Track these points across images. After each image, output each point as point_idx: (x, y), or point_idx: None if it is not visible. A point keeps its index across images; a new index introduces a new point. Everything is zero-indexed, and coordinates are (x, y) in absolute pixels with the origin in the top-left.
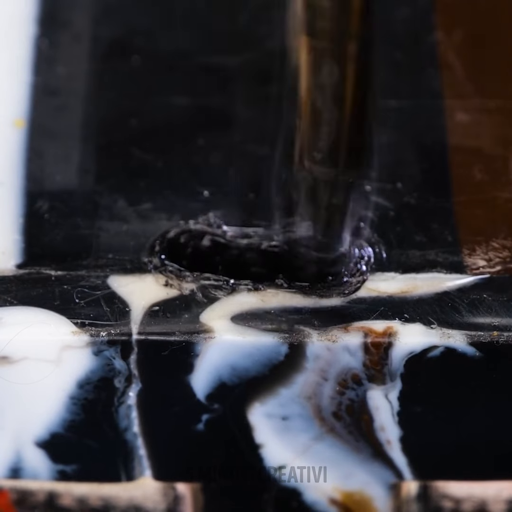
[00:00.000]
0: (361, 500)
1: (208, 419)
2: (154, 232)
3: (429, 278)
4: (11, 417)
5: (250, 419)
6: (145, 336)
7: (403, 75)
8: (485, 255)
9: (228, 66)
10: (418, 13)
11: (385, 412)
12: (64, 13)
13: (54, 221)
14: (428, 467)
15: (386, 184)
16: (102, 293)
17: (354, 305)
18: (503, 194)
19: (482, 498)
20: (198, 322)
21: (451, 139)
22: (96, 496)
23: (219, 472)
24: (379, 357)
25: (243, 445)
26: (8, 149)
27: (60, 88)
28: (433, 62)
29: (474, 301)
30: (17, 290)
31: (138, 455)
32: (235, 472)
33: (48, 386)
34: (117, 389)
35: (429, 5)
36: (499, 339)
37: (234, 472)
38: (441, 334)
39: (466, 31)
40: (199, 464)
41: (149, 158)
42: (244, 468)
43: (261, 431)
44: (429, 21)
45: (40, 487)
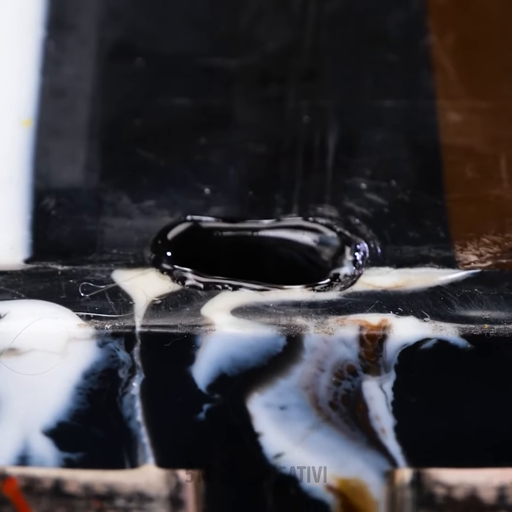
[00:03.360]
0: (357, 486)
1: (209, 408)
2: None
3: (422, 272)
4: (19, 406)
5: (249, 409)
6: (148, 329)
7: (398, 76)
8: (476, 250)
9: (228, 68)
10: (412, 16)
11: (380, 402)
12: (70, 17)
13: (60, 217)
14: (421, 455)
15: (381, 182)
16: (106, 287)
17: (350, 299)
18: (494, 192)
19: (473, 484)
20: (199, 315)
21: (443, 138)
22: (101, 483)
23: (219, 459)
24: (374, 349)
25: (243, 434)
26: (17, 148)
27: (66, 89)
28: (426, 64)
29: (466, 295)
30: (24, 284)
31: (141, 443)
32: (235, 460)
33: (54, 376)
34: (121, 380)
35: (423, 9)
36: (490, 332)
37: (234, 459)
38: (433, 327)
39: (458, 34)
40: (200, 452)
41: (152, 157)
42: (244, 456)
43: (260, 420)
44: (422, 25)
45: (47, 474)
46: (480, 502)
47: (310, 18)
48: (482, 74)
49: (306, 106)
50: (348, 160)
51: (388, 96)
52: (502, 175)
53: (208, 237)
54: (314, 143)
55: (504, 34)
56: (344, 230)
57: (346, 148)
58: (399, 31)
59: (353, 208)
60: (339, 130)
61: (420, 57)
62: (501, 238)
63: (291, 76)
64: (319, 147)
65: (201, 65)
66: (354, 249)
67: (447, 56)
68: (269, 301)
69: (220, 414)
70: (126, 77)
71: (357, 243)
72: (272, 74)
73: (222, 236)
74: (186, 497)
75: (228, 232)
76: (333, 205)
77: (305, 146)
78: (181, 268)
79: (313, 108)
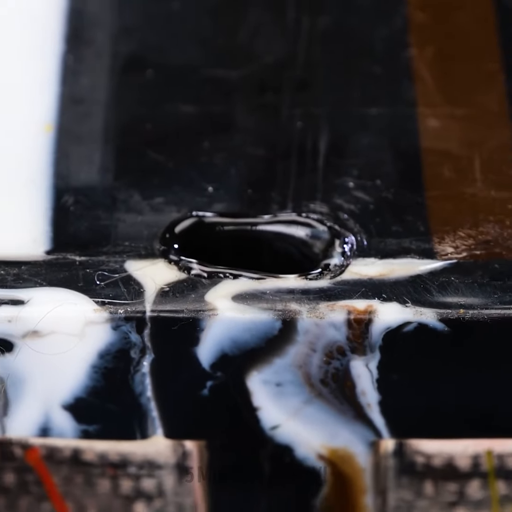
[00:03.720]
0: (345, 455)
1: (212, 385)
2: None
3: (404, 263)
4: (41, 384)
5: (248, 385)
6: (157, 313)
7: (382, 87)
8: (453, 243)
9: (229, 78)
10: (394, 33)
11: (366, 379)
12: (87, 33)
13: (78, 213)
14: (403, 427)
15: (367, 181)
16: (120, 276)
17: (339, 286)
18: (469, 190)
19: (450, 454)
20: (203, 301)
21: (423, 142)
22: (115, 452)
23: (221, 431)
24: (360, 332)
25: (243, 408)
26: (39, 151)
27: (84, 98)
28: (407, 75)
29: (443, 283)
30: (46, 273)
31: (151, 416)
32: (235, 431)
33: (73, 356)
34: (132, 359)
35: (404, 26)
36: (465, 316)
37: (234, 431)
38: (414, 312)
39: (436, 48)
40: (204, 424)
41: (161, 159)
42: (243, 428)
43: (258, 395)
44: (404, 40)
45: (66, 444)
46: (456, 470)
47: (303, 33)
48: (458, 84)
49: (299, 113)
50: (338, 162)
51: (374, 104)
52: (476, 176)
53: (211, 231)
54: (307, 146)
55: (477, 48)
56: (334, 225)
57: (335, 151)
58: (383, 45)
59: (342, 205)
60: (329, 134)
61: (402, 69)
62: (475, 232)
63: (286, 86)
64: (311, 150)
65: (205, 76)
66: (342, 241)
67: (426, 68)
68: (266, 289)
69: (222, 391)
70: (138, 86)
71: (346, 236)
72: (269, 84)
73: (224, 230)
74: (192, 465)
75: (229, 227)
76: (324, 202)
77: (298, 149)
78: (187, 259)
79: (306, 115)
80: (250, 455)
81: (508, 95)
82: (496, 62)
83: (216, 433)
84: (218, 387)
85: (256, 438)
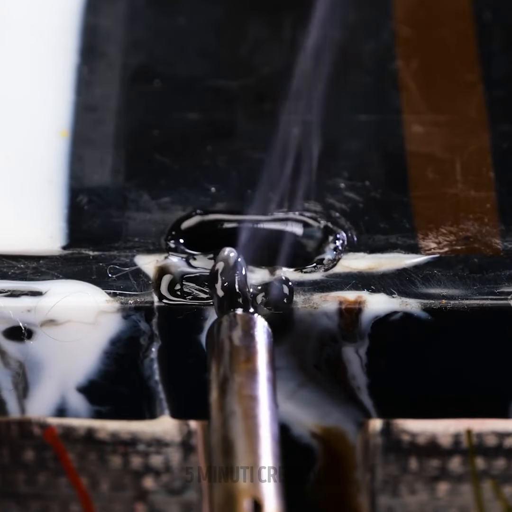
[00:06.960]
0: (337, 434)
1: None
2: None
3: (391, 257)
4: (57, 368)
5: None
6: (164, 304)
7: (371, 95)
8: (436, 239)
9: (231, 88)
10: (382, 46)
11: (356, 364)
12: (100, 46)
13: (92, 211)
14: (390, 408)
15: (357, 182)
16: (130, 269)
17: (331, 279)
18: (450, 190)
19: (433, 432)
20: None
21: (408, 146)
22: (126, 431)
23: None
24: (351, 320)
25: None
26: (55, 154)
27: (96, 106)
28: (394, 85)
29: (427, 275)
30: (62, 267)
31: (158, 398)
32: None
33: (87, 343)
34: (142, 346)
35: (392, 39)
36: (447, 306)
37: None
38: (400, 302)
39: (421, 60)
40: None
41: (168, 162)
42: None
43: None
44: (391, 52)
45: (81, 424)
46: (438, 447)
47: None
48: (440, 93)
49: (295, 120)
50: (330, 164)
51: (363, 111)
52: (457, 177)
53: (213, 228)
54: (302, 150)
55: (458, 60)
56: (327, 222)
57: (328, 154)
58: (372, 58)
59: (334, 204)
60: (322, 139)
61: (389, 80)
62: (456, 228)
63: (282, 95)
64: (306, 154)
65: (208, 86)
66: (335, 237)
67: (411, 78)
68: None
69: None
70: (146, 95)
71: (337, 233)
72: (267, 94)
73: (225, 227)
74: (196, 443)
75: (230, 224)
76: (318, 202)
77: (294, 152)
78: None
79: (301, 121)
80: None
81: (487, 103)
82: (475, 73)
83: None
84: None
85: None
